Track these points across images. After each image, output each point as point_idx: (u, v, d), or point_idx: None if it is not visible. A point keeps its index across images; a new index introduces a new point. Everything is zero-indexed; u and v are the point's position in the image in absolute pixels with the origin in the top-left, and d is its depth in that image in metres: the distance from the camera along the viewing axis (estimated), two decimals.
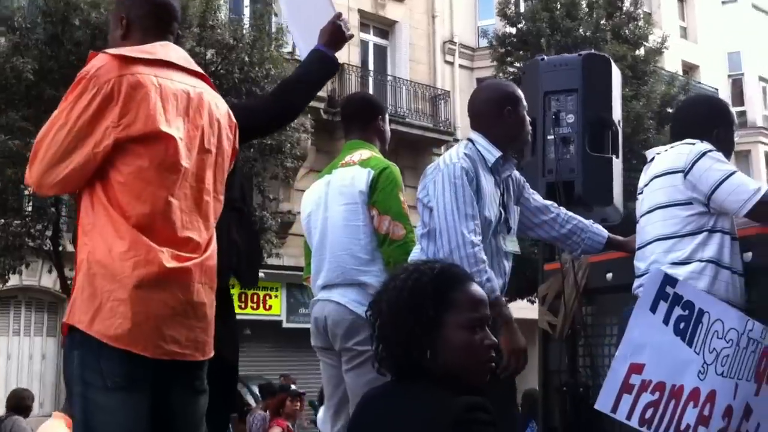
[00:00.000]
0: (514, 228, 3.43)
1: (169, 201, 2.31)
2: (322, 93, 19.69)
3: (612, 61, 4.72)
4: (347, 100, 4.13)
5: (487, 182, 3.24)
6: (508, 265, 3.36)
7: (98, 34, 10.36)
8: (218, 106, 2.54)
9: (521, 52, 18.23)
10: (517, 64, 18.38)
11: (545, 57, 4.74)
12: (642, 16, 18.93)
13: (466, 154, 3.24)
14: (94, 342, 2.20)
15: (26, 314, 15.49)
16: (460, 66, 23.51)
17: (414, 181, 4.67)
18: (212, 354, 2.44)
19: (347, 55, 20.78)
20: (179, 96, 2.37)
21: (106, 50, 2.35)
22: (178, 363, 2.32)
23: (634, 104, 16.89)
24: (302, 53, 3.45)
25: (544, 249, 4.98)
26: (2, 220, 10.50)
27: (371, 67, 21.84)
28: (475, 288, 1.95)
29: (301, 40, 3.53)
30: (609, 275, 4.18)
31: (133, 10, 2.51)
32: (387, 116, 4.06)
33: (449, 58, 23.34)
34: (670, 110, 17.76)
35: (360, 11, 21.44)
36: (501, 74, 19.00)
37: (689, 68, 29.57)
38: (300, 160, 12.37)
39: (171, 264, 2.27)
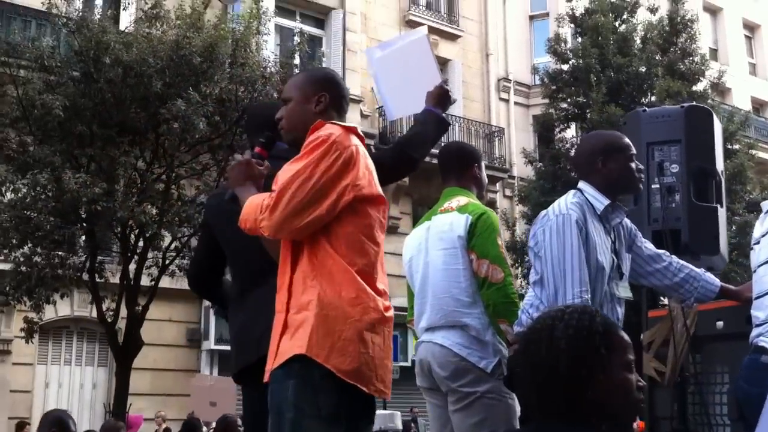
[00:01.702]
0: (626, 275, 3.48)
1: (378, 255, 2.61)
2: (372, 130, 19.93)
3: (713, 112, 4.91)
4: (444, 149, 4.27)
5: (597, 230, 3.31)
6: (621, 311, 3.40)
7: (129, 72, 10.73)
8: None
9: (572, 89, 18.11)
10: (569, 101, 18.28)
11: (646, 108, 4.96)
12: (698, 51, 18.57)
13: (574, 202, 3.32)
14: (315, 374, 2.44)
15: (78, 344, 15.92)
16: (516, 103, 23.48)
17: None
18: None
19: None
20: (371, 164, 2.68)
21: (333, 121, 2.66)
22: (371, 400, 2.61)
23: None
24: (391, 115, 3.80)
25: (648, 295, 5.05)
26: (33, 250, 10.78)
27: None
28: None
29: (392, 103, 3.72)
30: (719, 323, 4.23)
31: (333, 90, 2.82)
32: (483, 164, 4.20)
33: (504, 95, 23.34)
34: (729, 146, 17.32)
35: None
36: (553, 111, 18.92)
37: (759, 105, 28.86)
38: None
39: (385, 313, 2.57)
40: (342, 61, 19.58)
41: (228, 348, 11.30)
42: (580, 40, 18.67)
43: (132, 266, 12.03)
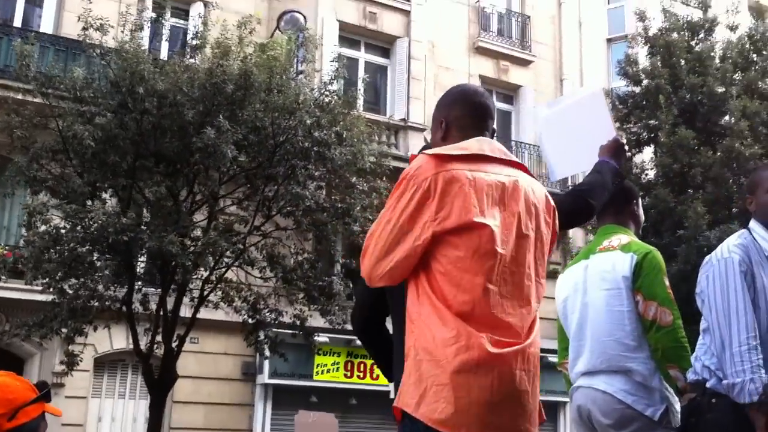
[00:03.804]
0: None
1: (487, 288, 2.38)
2: None
3: None
4: None
5: (765, 273, 3.18)
6: None
7: (163, 101, 10.64)
8: (534, 191, 2.61)
9: (643, 112, 17.22)
10: (639, 124, 17.40)
11: None
12: None
13: (738, 244, 3.22)
14: (421, 425, 2.30)
15: (132, 377, 15.89)
16: None
17: None
18: None
19: None
20: (494, 186, 2.47)
21: (426, 151, 2.53)
22: None
23: (765, 163, 15.40)
24: (555, 175, 3.72)
25: None
26: (64, 280, 10.77)
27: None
28: None
29: (558, 161, 3.71)
30: None
31: (451, 113, 2.73)
32: (640, 200, 4.09)
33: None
34: None
35: (481, 77, 21.20)
36: (623, 135, 18.04)
37: None
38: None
39: (492, 350, 2.32)
40: (406, 90, 19.29)
41: (282, 382, 11.05)
42: (652, 60, 17.77)
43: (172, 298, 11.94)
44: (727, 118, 16.44)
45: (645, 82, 17.52)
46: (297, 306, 12.44)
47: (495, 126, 2.74)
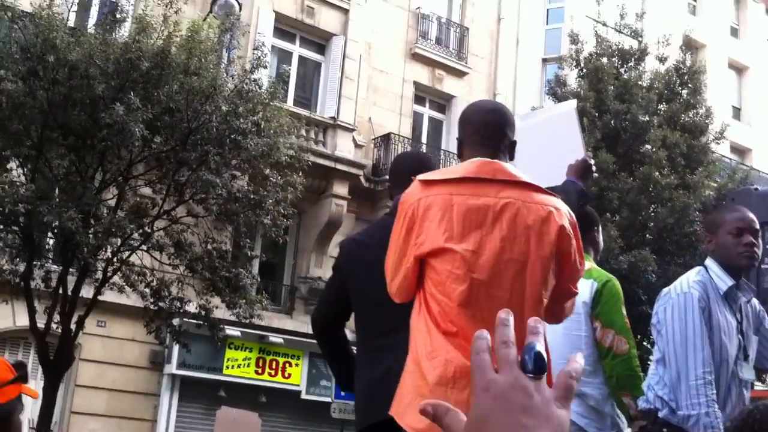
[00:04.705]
0: (752, 357, 3.39)
1: (463, 311, 2.41)
2: (365, 160, 19.39)
3: None
4: None
5: (721, 312, 3.24)
6: (746, 393, 3.30)
7: (74, 73, 10.27)
8: (532, 212, 2.54)
9: None
10: None
11: (758, 187, 4.90)
12: (703, 103, 17.81)
13: (697, 281, 3.26)
14: None
15: (34, 357, 14.83)
16: None
17: None
18: None
19: (398, 125, 20.50)
20: (475, 209, 2.48)
21: (419, 176, 2.62)
22: None
23: (680, 194, 15.75)
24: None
25: None
26: None
27: (424, 140, 21.45)
28: None
29: (528, 175, 3.75)
30: None
31: (463, 131, 2.78)
32: (600, 227, 4.12)
33: (511, 135, 22.64)
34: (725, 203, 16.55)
35: (416, 83, 21.20)
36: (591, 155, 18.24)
37: (741, 151, 27.62)
38: (285, 217, 11.79)
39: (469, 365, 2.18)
40: (339, 88, 19.14)
41: (190, 374, 10.71)
42: (581, 82, 18.03)
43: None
44: (648, 146, 16.75)
45: None
46: (202, 296, 12.15)
47: (514, 138, 2.76)
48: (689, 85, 18.05)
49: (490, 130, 2.71)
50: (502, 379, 0.88)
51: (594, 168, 3.45)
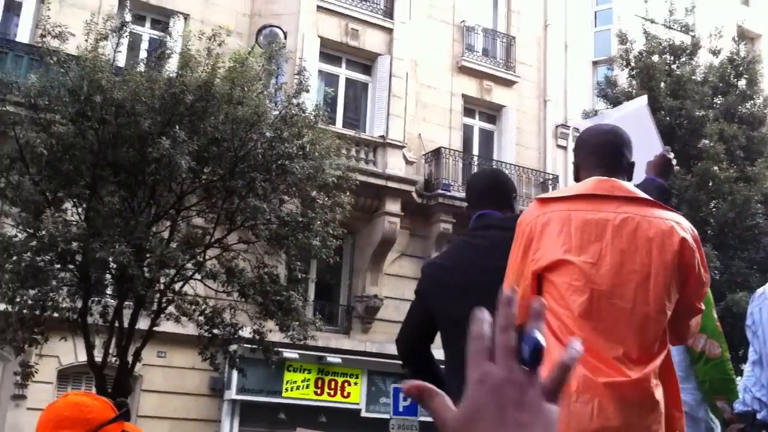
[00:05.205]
0: None
1: (584, 323, 2.41)
2: (417, 176, 19.36)
3: None
4: None
5: None
6: None
7: (121, 111, 10.53)
8: (653, 226, 2.54)
9: None
10: None
11: None
12: (760, 93, 17.31)
13: None
14: None
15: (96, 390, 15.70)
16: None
17: None
18: None
19: (448, 139, 20.44)
20: (594, 223, 2.51)
21: (537, 196, 2.76)
22: None
23: (740, 187, 15.30)
24: None
25: None
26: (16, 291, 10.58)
27: (475, 151, 21.33)
28: None
29: None
30: None
31: (578, 155, 2.82)
32: None
33: (562, 142, 22.42)
34: None
35: (464, 96, 21.13)
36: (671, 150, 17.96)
37: None
38: (335, 238, 11.83)
39: (593, 377, 2.34)
40: (387, 107, 19.19)
41: (250, 398, 10.89)
42: (632, 82, 17.72)
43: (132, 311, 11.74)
44: (705, 141, 16.36)
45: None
46: (255, 321, 12.26)
47: (632, 159, 2.76)
48: (745, 76, 17.59)
49: (605, 151, 2.71)
50: (497, 371, 0.88)
51: (675, 162, 3.38)
